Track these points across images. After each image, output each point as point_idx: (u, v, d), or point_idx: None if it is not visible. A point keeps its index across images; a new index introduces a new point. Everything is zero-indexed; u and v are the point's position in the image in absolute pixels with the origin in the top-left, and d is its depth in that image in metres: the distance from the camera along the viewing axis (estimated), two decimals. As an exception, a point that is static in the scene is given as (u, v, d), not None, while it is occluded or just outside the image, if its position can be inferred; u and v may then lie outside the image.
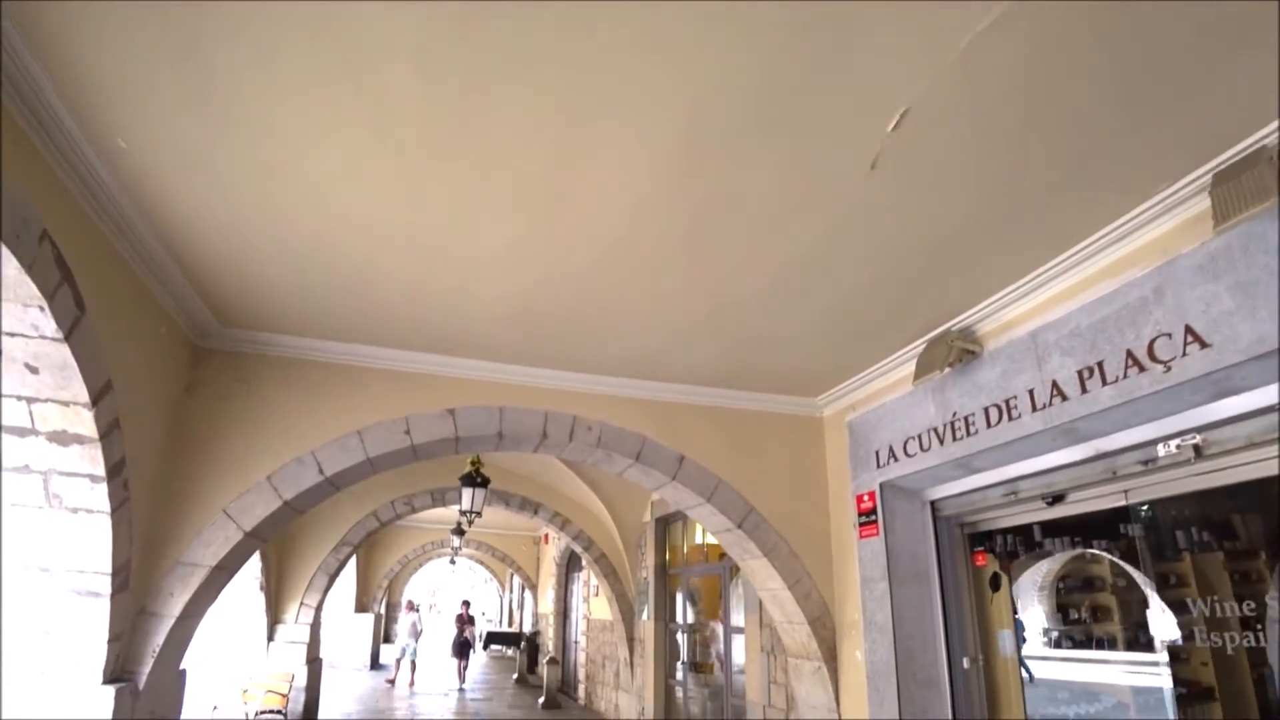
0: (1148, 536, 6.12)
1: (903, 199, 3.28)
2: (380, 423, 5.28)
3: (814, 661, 5.66)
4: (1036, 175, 3.11)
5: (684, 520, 9.94)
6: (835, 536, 5.77)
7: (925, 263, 3.87)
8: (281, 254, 3.95)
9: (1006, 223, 3.49)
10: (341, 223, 3.59)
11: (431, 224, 3.57)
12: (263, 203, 3.43)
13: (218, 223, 3.64)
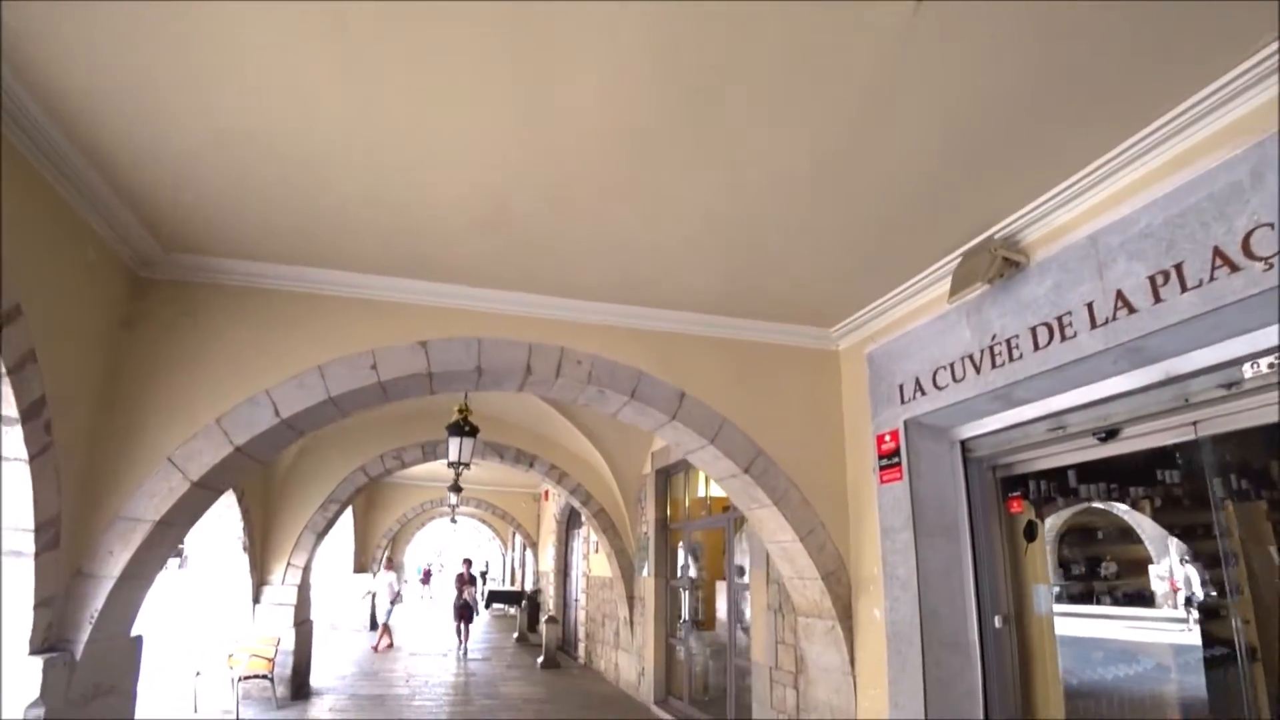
0: (1185, 484, 5.60)
1: (944, 66, 2.69)
2: (343, 357, 4.73)
3: (827, 620, 5.13)
4: (1101, 39, 2.52)
5: (686, 472, 9.40)
6: (852, 483, 5.21)
7: (964, 155, 3.27)
8: (225, 164, 3.44)
9: (1062, 102, 2.89)
10: (285, 122, 3.09)
11: (383, 117, 3.05)
12: (198, 105, 2.96)
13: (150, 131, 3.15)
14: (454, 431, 8.00)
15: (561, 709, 9.57)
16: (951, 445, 4.70)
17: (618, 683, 11.35)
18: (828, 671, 5.22)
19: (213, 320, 4.58)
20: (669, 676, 9.58)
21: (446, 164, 3.38)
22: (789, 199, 3.62)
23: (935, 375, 4.43)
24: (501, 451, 11.08)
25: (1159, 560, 5.40)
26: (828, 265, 4.38)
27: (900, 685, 4.46)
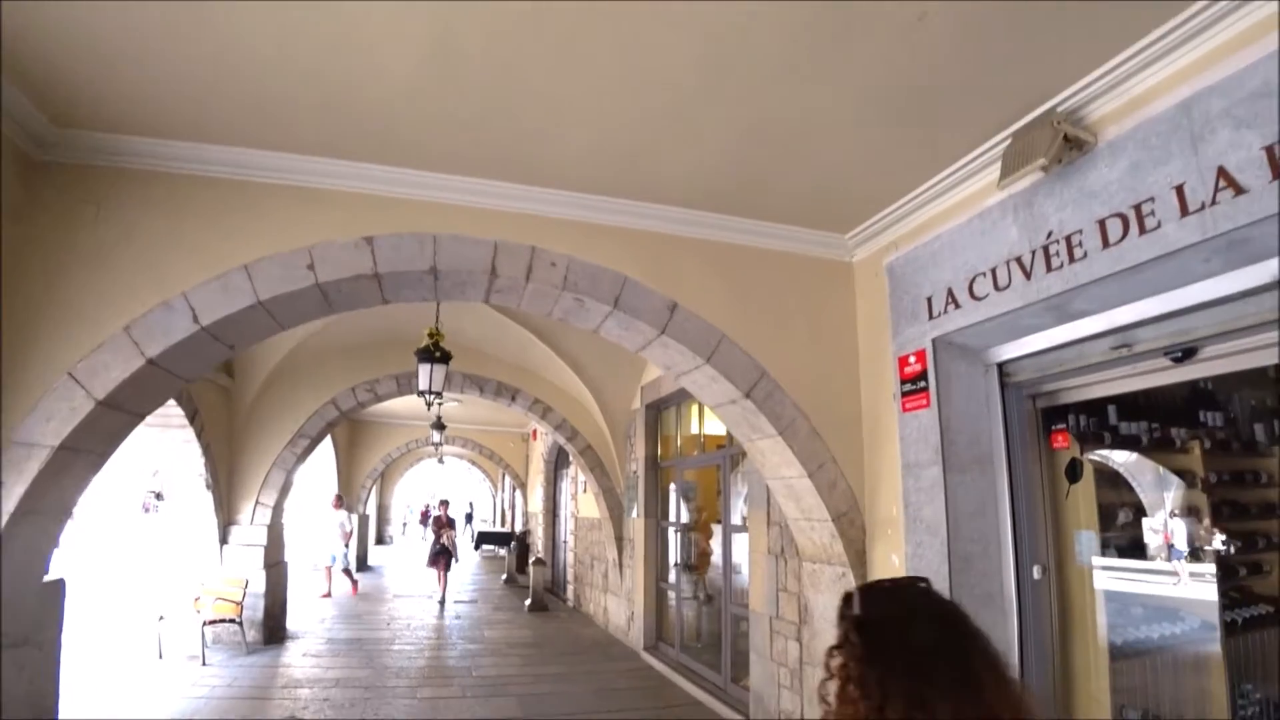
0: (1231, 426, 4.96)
1: None
2: (275, 255, 4.05)
3: (837, 567, 4.52)
4: None
5: (678, 407, 8.75)
6: (869, 412, 4.54)
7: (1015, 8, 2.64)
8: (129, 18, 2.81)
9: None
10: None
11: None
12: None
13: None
14: (423, 357, 7.29)
15: (547, 654, 9.10)
16: (987, 369, 4.02)
17: (607, 627, 10.89)
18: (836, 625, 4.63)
19: (120, 211, 3.88)
20: (659, 622, 9.08)
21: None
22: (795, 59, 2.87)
23: (972, 284, 3.72)
24: (481, 385, 10.42)
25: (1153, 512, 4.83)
26: (844, 149, 3.65)
27: (922, 642, 3.86)
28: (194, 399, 8.45)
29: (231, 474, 9.59)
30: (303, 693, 7.08)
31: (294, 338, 9.05)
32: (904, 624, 1.21)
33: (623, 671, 8.24)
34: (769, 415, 4.30)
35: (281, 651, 8.93)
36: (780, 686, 5.48)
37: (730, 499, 7.12)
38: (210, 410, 8.91)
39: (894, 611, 1.26)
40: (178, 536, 9.52)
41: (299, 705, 6.63)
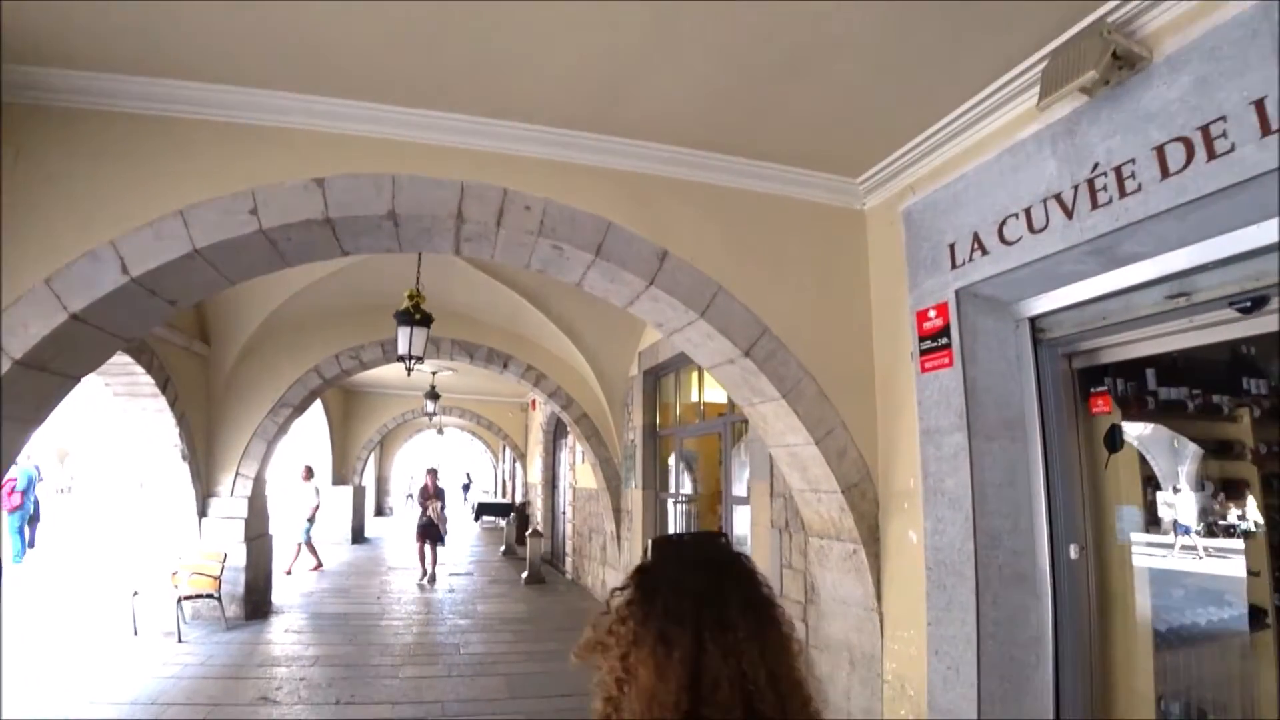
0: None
1: None
2: (214, 199, 3.64)
3: (846, 544, 4.10)
4: None
5: (677, 373, 8.30)
6: (883, 373, 4.09)
7: None
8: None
9: None
10: None
11: None
12: None
13: None
14: (403, 320, 6.85)
15: (541, 630, 8.75)
16: (1018, 324, 3.56)
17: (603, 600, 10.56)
18: (846, 605, 4.23)
19: (41, 152, 3.45)
20: (656, 597, 8.71)
21: None
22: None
23: (1002, 227, 3.25)
24: (471, 351, 9.97)
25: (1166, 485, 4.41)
26: (857, 75, 3.17)
27: (944, 627, 3.45)
28: (165, 366, 8.04)
29: (210, 445, 9.20)
30: (279, 672, 6.74)
31: (271, 301, 8.62)
32: (676, 569, 1.27)
33: None
34: (771, 376, 3.85)
35: (263, 627, 8.59)
36: (783, 670, 5.10)
37: (731, 469, 6.70)
38: (184, 378, 8.51)
39: (671, 558, 1.33)
40: (154, 510, 9.16)
41: (273, 686, 6.29)
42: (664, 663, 1.15)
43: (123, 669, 6.63)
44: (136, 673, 6.54)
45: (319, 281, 8.26)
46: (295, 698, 6.03)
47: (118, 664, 6.79)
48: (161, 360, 7.97)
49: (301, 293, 8.48)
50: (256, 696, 6.00)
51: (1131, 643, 3.42)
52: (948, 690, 3.44)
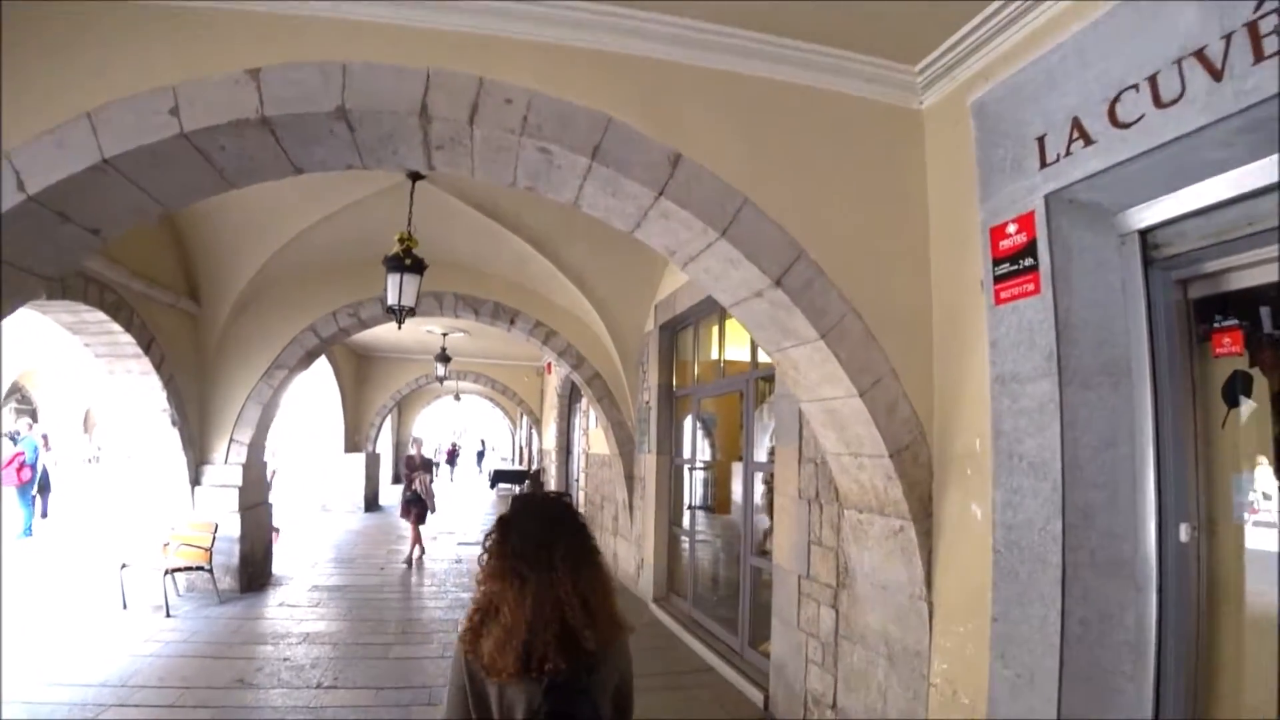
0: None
1: None
2: (129, 98, 3.01)
3: (891, 519, 3.41)
4: None
5: (695, 327, 7.59)
6: (942, 309, 3.36)
7: None
8: None
9: None
10: None
11: None
12: None
13: None
14: (392, 266, 6.19)
15: (549, 603, 8.20)
16: (1123, 240, 2.80)
17: (615, 573, 9.97)
18: (887, 590, 3.55)
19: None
20: (671, 571, 8.08)
21: None
22: None
23: (1115, 105, 2.50)
24: (477, 307, 9.31)
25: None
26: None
27: (1014, 625, 2.76)
28: (149, 326, 7.49)
29: (203, 409, 8.67)
30: (264, 650, 6.22)
31: (261, 253, 8.01)
32: (524, 520, 1.84)
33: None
34: (808, 311, 3.14)
35: (257, 600, 8.09)
36: (809, 661, 4.44)
37: (753, 432, 6.01)
38: (172, 339, 7.96)
39: (521, 512, 1.89)
40: (146, 478, 8.67)
41: (253, 666, 5.75)
42: (508, 586, 1.74)
43: (102, 645, 6.14)
44: (114, 649, 6.05)
45: (310, 231, 7.64)
46: (274, 680, 5.49)
47: (98, 640, 6.30)
48: (144, 319, 7.41)
49: (292, 244, 7.87)
50: (233, 678, 5.46)
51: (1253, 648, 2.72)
52: (1015, 701, 2.76)
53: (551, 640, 1.68)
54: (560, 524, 1.84)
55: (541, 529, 1.81)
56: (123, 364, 7.67)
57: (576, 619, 1.71)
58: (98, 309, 6.70)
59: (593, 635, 1.73)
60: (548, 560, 1.74)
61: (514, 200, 7.18)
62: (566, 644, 1.69)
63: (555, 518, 1.86)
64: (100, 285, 6.62)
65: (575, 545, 1.80)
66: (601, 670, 1.77)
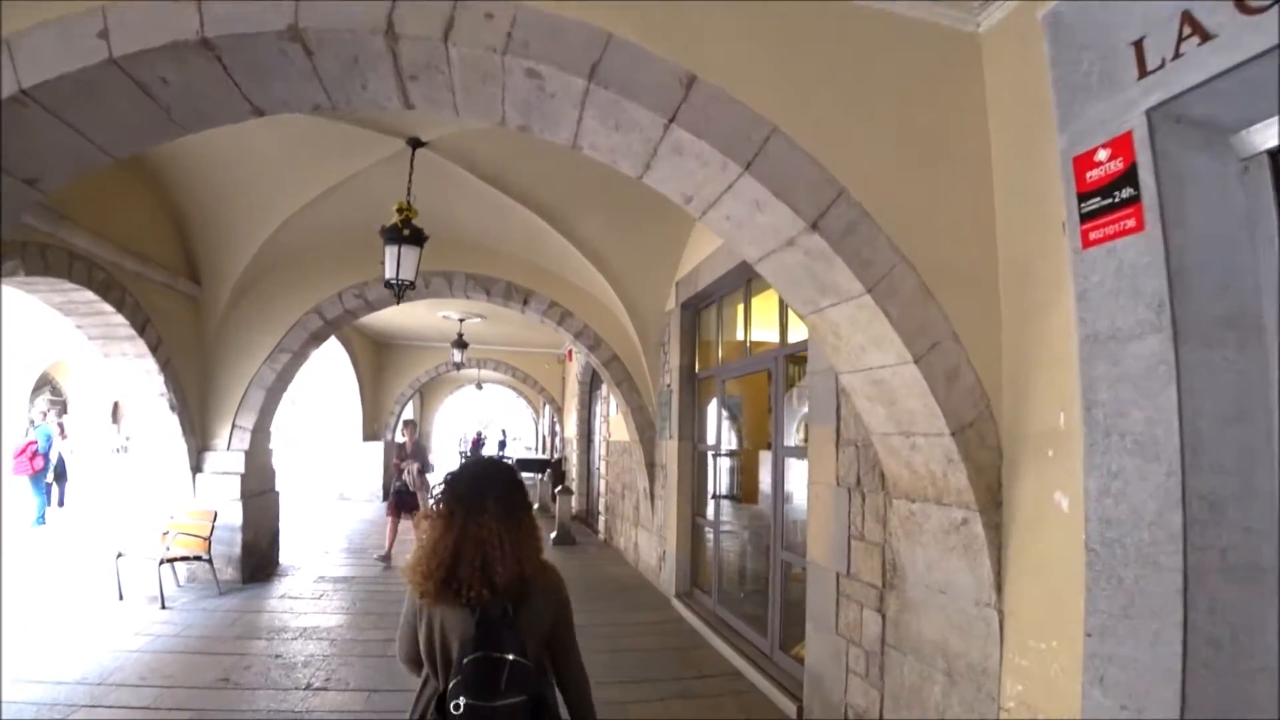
0: None
1: None
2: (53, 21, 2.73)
3: (952, 509, 2.89)
4: None
5: (719, 303, 7.05)
6: (1011, 258, 2.82)
7: None
8: None
9: None
10: None
11: None
12: None
13: None
14: (390, 237, 5.74)
15: (566, 598, 7.75)
16: (1246, 165, 2.25)
17: (637, 565, 9.50)
18: (945, 595, 3.03)
19: None
20: (694, 564, 7.58)
21: None
22: None
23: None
24: (488, 287, 8.85)
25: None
26: None
27: (1117, 643, 2.22)
28: (143, 307, 7.13)
29: (204, 394, 8.32)
30: (256, 646, 5.82)
31: (261, 230, 7.62)
32: (466, 476, 2.19)
33: (648, 625, 6.81)
34: (851, 261, 2.62)
35: (259, 592, 7.71)
36: (849, 671, 3.93)
37: (782, 415, 5.49)
38: (169, 321, 7.60)
39: (465, 469, 2.29)
40: (145, 466, 8.36)
41: (242, 664, 5.36)
42: (443, 525, 2.05)
43: (88, 639, 5.79)
44: (100, 643, 5.69)
45: (310, 207, 7.23)
46: (262, 679, 5.09)
47: (86, 633, 5.96)
48: (137, 299, 7.05)
49: (293, 223, 7.47)
50: (218, 677, 5.07)
51: None
52: (1119, 735, 2.24)
53: (476, 570, 1.97)
54: (494, 480, 2.16)
55: (477, 482, 2.14)
56: (117, 346, 7.33)
57: (495, 555, 1.99)
58: (85, 287, 6.33)
59: (504, 571, 1.99)
60: (479, 507, 2.04)
61: (524, 171, 6.70)
62: (487, 575, 1.98)
63: (490, 475, 2.20)
64: (87, 262, 6.24)
65: (504, 497, 2.10)
66: (527, 609, 2.04)
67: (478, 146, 6.26)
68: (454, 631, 1.99)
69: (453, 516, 2.06)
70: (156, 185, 7.10)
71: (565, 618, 2.20)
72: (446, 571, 1.98)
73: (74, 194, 5.90)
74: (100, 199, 6.30)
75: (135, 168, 6.70)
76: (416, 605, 2.09)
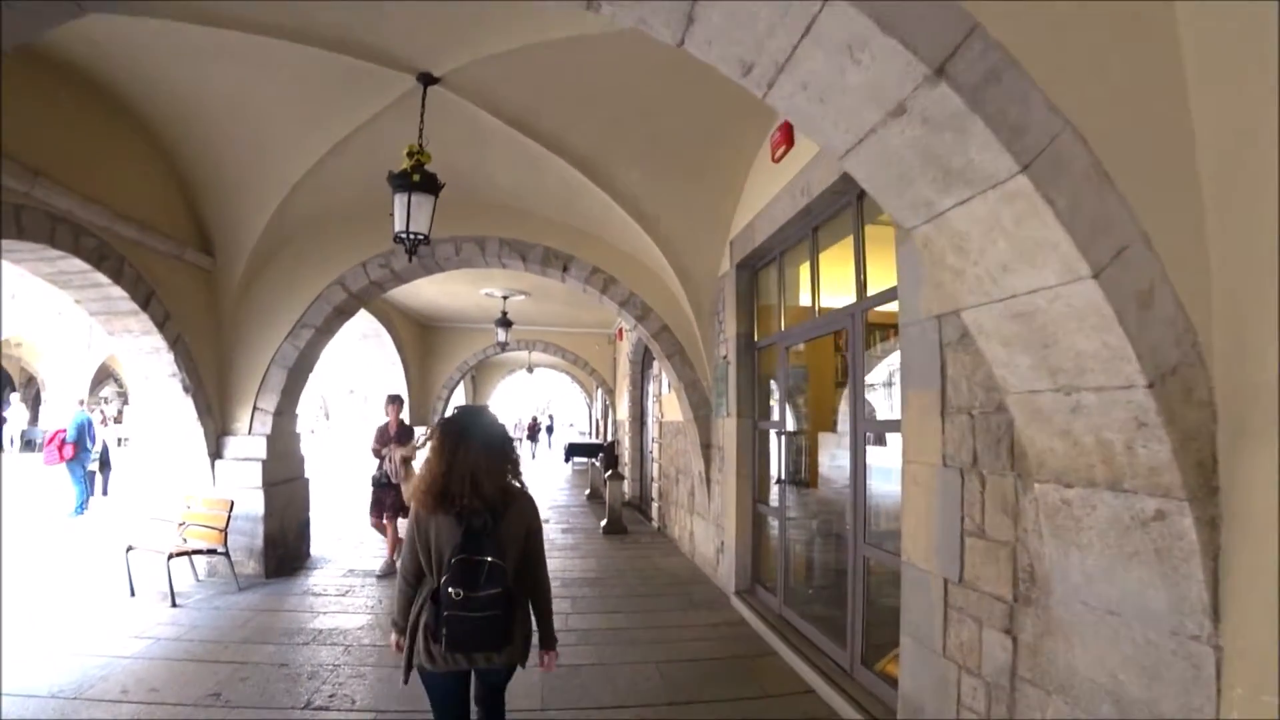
0: None
1: None
2: None
3: (1142, 496, 1.96)
4: None
5: (780, 260, 6.12)
6: (1220, 134, 1.86)
7: None
8: None
9: None
10: None
11: None
12: None
13: None
14: (398, 184, 4.97)
15: (609, 596, 6.95)
16: None
17: (693, 557, 8.66)
18: (1122, 618, 2.11)
19: None
20: (756, 558, 6.69)
21: None
22: None
23: None
24: (524, 253, 8.06)
25: None
26: None
27: None
28: (145, 278, 6.56)
29: (222, 375, 7.77)
30: (263, 652, 5.17)
31: (272, 197, 6.99)
32: (457, 419, 2.81)
33: (704, 629, 5.95)
34: (995, 125, 1.71)
35: (280, 588, 7.08)
36: (961, 705, 3.03)
37: (862, 381, 4.56)
38: (178, 295, 7.03)
39: (457, 413, 2.88)
40: (160, 452, 7.84)
41: (239, 675, 4.69)
42: (439, 455, 2.63)
43: (80, 642, 5.24)
44: (94, 646, 5.14)
45: (323, 168, 6.57)
46: (257, 694, 4.41)
47: (84, 634, 5.42)
48: (138, 269, 6.47)
49: (307, 186, 6.84)
50: (208, 692, 4.41)
51: None
52: None
53: (466, 485, 2.60)
54: (477, 422, 2.79)
55: (465, 426, 2.75)
56: (120, 322, 6.77)
57: (481, 474, 2.63)
58: (72, 254, 5.74)
59: (489, 485, 2.64)
60: (466, 443, 2.67)
61: (554, 115, 5.90)
62: (475, 489, 2.60)
63: (474, 418, 2.82)
64: (73, 227, 5.64)
65: (486, 434, 2.74)
66: (504, 523, 2.66)
67: (498, 85, 5.46)
68: (446, 538, 2.60)
69: (444, 448, 2.67)
70: (157, 147, 6.50)
71: (536, 535, 2.84)
72: (442, 487, 2.61)
73: (57, 154, 5.32)
74: (88, 159, 5.70)
75: (129, 126, 6.12)
76: (419, 519, 2.68)
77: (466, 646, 2.57)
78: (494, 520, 2.58)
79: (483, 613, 2.51)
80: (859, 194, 4.49)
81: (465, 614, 2.50)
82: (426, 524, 2.63)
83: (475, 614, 2.50)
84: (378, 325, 14.43)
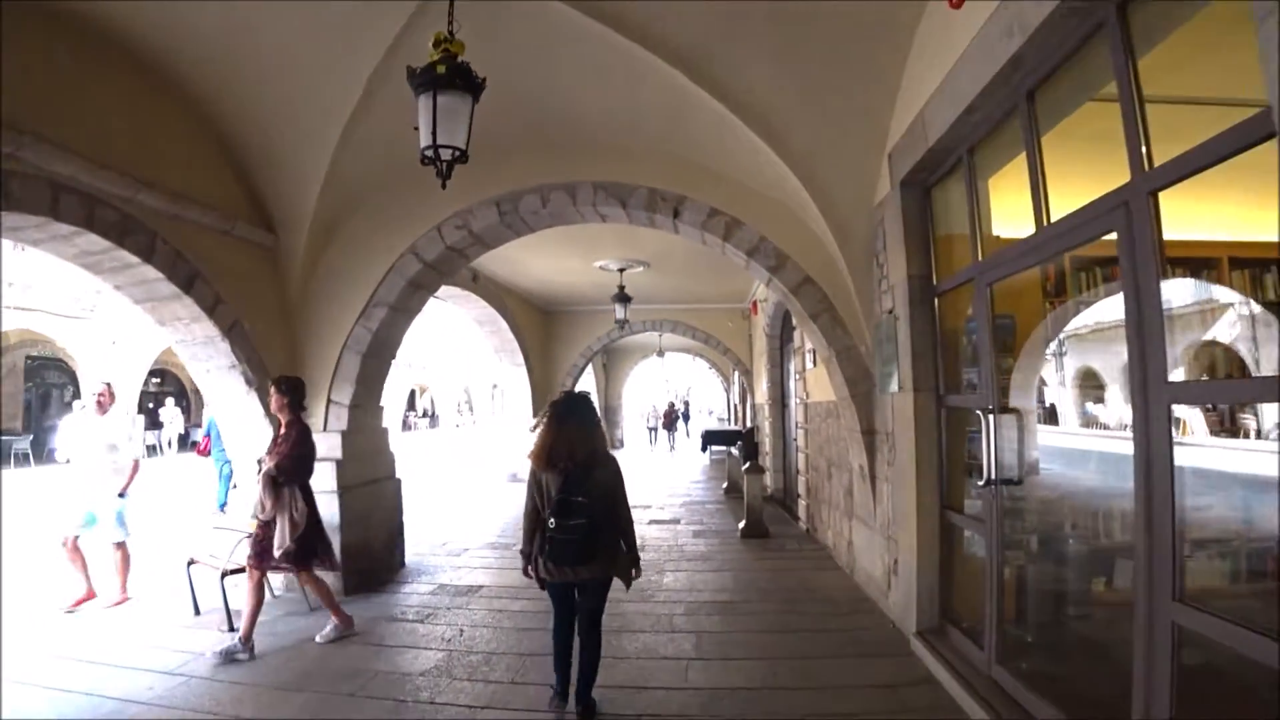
0: None
1: None
2: None
3: None
4: None
5: (968, 165, 4.23)
6: None
7: None
8: None
9: None
10: None
11: None
12: None
13: None
14: (421, 81, 3.57)
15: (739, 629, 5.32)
16: None
17: (851, 571, 6.90)
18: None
19: None
20: (946, 586, 4.80)
21: None
22: None
23: None
24: (623, 196, 6.54)
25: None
26: None
27: None
28: (186, 257, 5.60)
29: (292, 366, 6.76)
30: (296, 703, 4.00)
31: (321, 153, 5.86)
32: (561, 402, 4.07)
33: (877, 693, 4.17)
34: None
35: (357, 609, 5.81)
36: None
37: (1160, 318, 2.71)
38: (232, 276, 6.06)
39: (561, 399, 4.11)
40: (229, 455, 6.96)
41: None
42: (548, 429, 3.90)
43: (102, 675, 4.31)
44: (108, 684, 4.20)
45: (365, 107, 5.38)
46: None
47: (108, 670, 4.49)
48: (176, 247, 5.50)
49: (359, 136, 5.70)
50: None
51: None
52: None
53: (565, 451, 3.78)
54: (575, 406, 4.02)
55: (568, 408, 3.98)
56: (167, 309, 5.86)
57: (576, 444, 3.81)
58: (85, 229, 4.79)
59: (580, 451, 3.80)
60: (566, 420, 3.89)
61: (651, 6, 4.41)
62: (570, 454, 3.78)
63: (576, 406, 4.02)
64: (83, 196, 4.69)
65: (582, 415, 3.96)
66: (593, 475, 3.80)
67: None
68: (552, 484, 3.77)
69: (551, 425, 3.89)
70: (186, 103, 5.50)
71: (620, 485, 3.97)
72: (550, 452, 3.80)
73: (51, 112, 4.37)
74: (97, 119, 4.78)
75: (150, 86, 5.17)
76: (535, 475, 3.90)
77: (561, 560, 3.73)
78: (584, 474, 3.77)
79: (572, 536, 3.66)
80: (1120, 2, 2.70)
81: (560, 537, 3.66)
82: (540, 477, 3.87)
83: (566, 537, 3.66)
84: (491, 311, 13.46)
